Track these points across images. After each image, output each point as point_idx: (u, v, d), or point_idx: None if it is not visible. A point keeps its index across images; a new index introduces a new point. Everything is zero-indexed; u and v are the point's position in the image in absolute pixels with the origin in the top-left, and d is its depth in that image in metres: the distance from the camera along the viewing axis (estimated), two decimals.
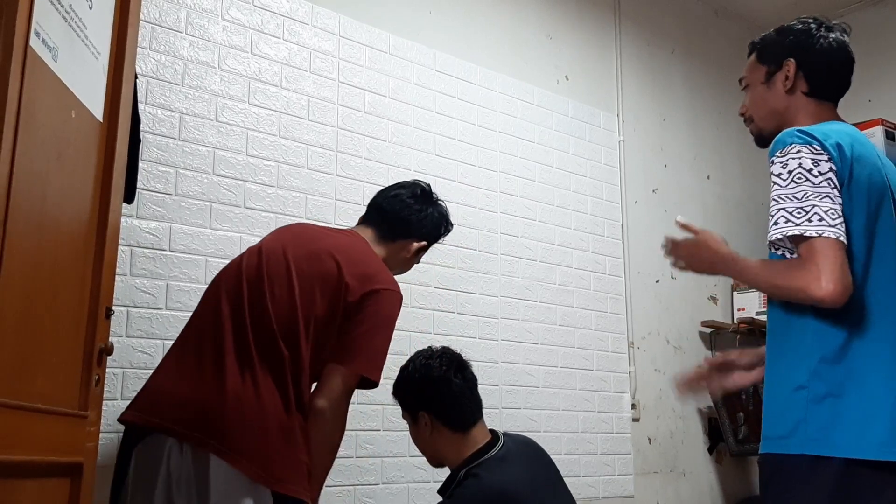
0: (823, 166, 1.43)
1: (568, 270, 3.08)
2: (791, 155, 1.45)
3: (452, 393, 1.95)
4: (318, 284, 1.70)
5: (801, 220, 1.39)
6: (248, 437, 1.55)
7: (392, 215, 1.92)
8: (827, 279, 1.34)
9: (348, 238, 1.85)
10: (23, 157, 1.05)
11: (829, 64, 1.63)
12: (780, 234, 1.41)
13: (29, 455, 1.11)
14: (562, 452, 2.89)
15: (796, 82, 1.64)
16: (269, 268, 1.70)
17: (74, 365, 1.28)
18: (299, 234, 1.83)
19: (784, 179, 1.44)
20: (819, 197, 1.40)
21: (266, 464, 1.55)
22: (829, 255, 1.36)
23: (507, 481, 1.85)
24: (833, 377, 1.40)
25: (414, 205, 1.94)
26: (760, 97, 1.70)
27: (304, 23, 2.54)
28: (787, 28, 1.72)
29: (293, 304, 1.67)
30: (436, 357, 1.98)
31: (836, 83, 1.65)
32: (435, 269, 2.67)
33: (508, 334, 2.85)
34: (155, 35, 2.22)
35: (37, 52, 1.09)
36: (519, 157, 3.03)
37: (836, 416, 1.38)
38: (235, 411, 1.55)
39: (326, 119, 2.53)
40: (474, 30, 3.01)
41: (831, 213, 1.39)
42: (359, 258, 1.78)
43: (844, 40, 1.66)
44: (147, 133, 2.13)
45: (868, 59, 3.98)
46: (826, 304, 1.36)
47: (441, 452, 1.98)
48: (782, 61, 1.66)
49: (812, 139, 1.45)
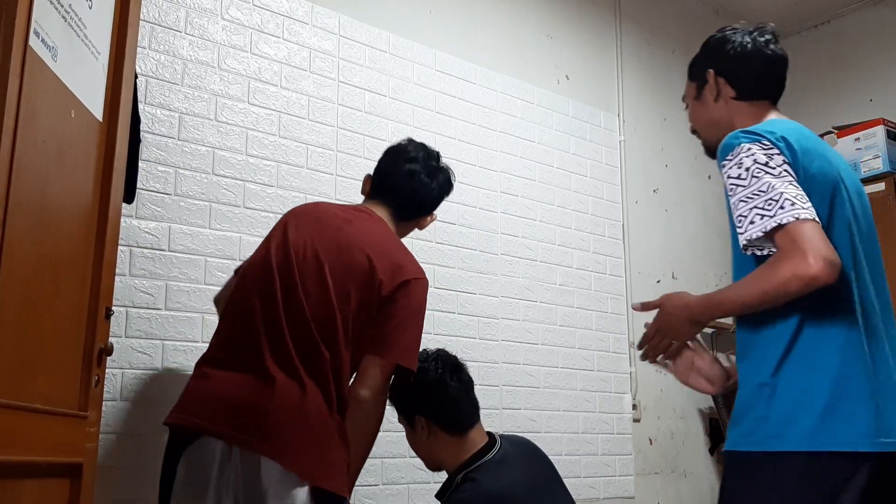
0: (777, 159, 1.43)
1: (568, 270, 3.08)
2: (743, 154, 1.45)
3: (448, 396, 1.93)
4: (351, 281, 1.71)
5: (774, 211, 1.38)
6: (297, 438, 1.58)
7: (411, 196, 1.92)
8: (814, 256, 1.33)
9: (370, 223, 1.84)
10: (22, 157, 1.05)
11: (746, 65, 1.67)
12: (761, 231, 1.39)
13: (29, 455, 1.11)
14: (562, 453, 2.89)
15: (721, 90, 1.69)
16: (301, 267, 1.70)
17: (74, 365, 1.28)
18: (322, 222, 1.79)
19: (744, 178, 1.44)
20: (784, 184, 1.40)
21: (313, 462, 1.59)
22: (808, 234, 1.35)
23: (504, 485, 1.85)
24: (793, 372, 1.40)
25: (431, 183, 1.94)
26: (697, 111, 1.77)
27: (304, 22, 2.53)
28: (707, 41, 1.78)
29: (330, 303, 1.68)
30: (431, 360, 1.97)
31: (762, 82, 1.68)
32: (435, 269, 2.67)
33: (509, 335, 2.85)
34: (154, 35, 2.22)
35: (36, 51, 1.09)
36: (519, 157, 3.02)
37: (796, 412, 1.38)
38: (284, 413, 1.58)
39: (326, 119, 2.53)
40: (474, 30, 3.01)
41: (800, 196, 1.39)
42: (387, 249, 1.79)
43: (763, 39, 1.69)
44: (146, 133, 2.13)
45: (868, 59, 3.98)
46: (820, 280, 1.33)
47: (438, 456, 1.97)
48: (704, 74, 1.72)
49: (759, 136, 1.46)
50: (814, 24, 4.14)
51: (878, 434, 1.36)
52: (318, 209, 1.87)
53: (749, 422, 1.43)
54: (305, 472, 1.57)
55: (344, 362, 1.68)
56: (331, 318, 1.67)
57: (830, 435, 1.35)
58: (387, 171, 1.95)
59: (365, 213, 1.88)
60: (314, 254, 1.72)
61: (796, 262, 1.34)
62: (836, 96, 4.02)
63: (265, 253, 1.74)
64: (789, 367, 1.41)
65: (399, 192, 1.91)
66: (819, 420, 1.36)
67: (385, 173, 1.95)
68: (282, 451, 1.55)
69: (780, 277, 1.36)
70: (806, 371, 1.40)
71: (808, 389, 1.38)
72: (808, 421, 1.36)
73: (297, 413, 1.59)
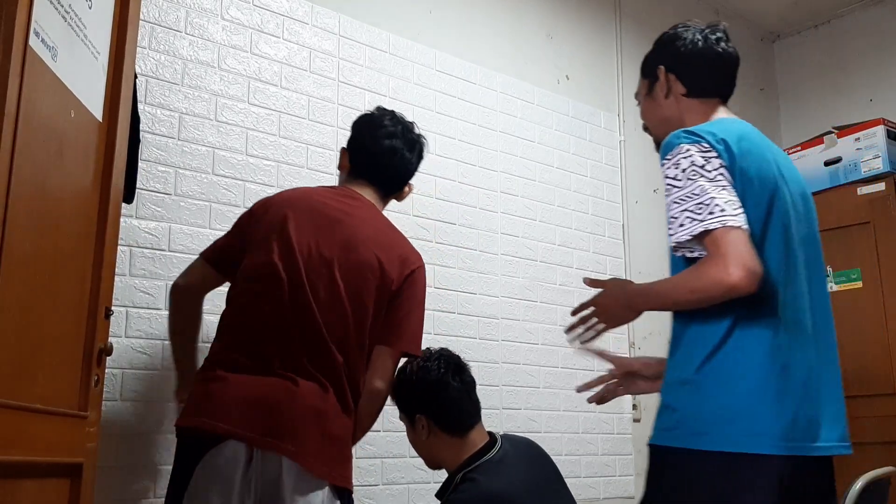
0: (714, 162, 1.44)
1: (568, 270, 3.08)
2: (682, 155, 1.46)
3: (450, 396, 1.93)
4: (362, 284, 1.72)
5: (703, 215, 1.39)
6: (317, 439, 1.61)
7: (393, 173, 1.92)
8: (735, 265, 1.34)
9: (367, 213, 1.83)
10: (22, 157, 1.05)
11: (696, 62, 1.66)
12: (689, 235, 1.41)
13: (29, 455, 1.11)
14: (562, 453, 2.89)
15: (672, 86, 1.69)
16: (310, 272, 1.69)
17: (74, 365, 1.28)
18: (320, 215, 1.77)
19: (679, 180, 1.45)
20: (717, 189, 1.41)
21: (332, 463, 1.63)
22: (732, 242, 1.36)
23: (503, 485, 1.84)
24: (716, 372, 1.41)
25: (412, 158, 1.95)
26: (648, 108, 1.78)
27: (304, 22, 2.53)
28: (659, 37, 1.76)
29: (342, 309, 1.69)
30: (433, 359, 1.97)
31: (712, 80, 1.68)
32: (435, 269, 2.67)
33: (509, 334, 2.85)
34: (154, 34, 2.22)
35: (36, 51, 1.09)
36: (519, 157, 3.02)
37: (718, 410, 1.39)
38: (305, 415, 1.60)
39: (326, 119, 2.52)
40: (474, 30, 3.01)
41: (731, 203, 1.40)
42: (390, 240, 1.82)
43: (714, 37, 1.68)
44: (146, 133, 2.13)
45: (868, 59, 3.98)
46: (740, 290, 1.35)
47: (438, 455, 1.97)
48: (655, 70, 1.72)
49: (698, 137, 1.47)
50: (814, 24, 4.13)
51: (793, 438, 1.38)
52: (310, 200, 1.82)
53: (671, 417, 1.44)
54: (325, 472, 1.60)
55: (358, 362, 1.71)
56: (344, 325, 1.69)
57: (746, 437, 1.36)
58: (367, 148, 1.92)
59: (357, 200, 1.86)
60: (319, 252, 1.71)
61: (718, 269, 1.36)
62: (836, 96, 4.02)
63: (267, 256, 1.70)
64: (712, 366, 1.41)
65: (383, 171, 1.91)
66: (737, 421, 1.37)
67: (366, 150, 1.92)
68: (303, 453, 1.58)
69: (703, 282, 1.38)
70: (728, 372, 1.40)
71: (730, 391, 1.39)
72: (727, 421, 1.37)
73: (317, 415, 1.62)
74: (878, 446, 3.21)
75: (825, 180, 3.59)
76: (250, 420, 1.57)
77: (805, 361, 1.44)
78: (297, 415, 1.59)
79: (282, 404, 1.59)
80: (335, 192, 1.89)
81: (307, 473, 1.58)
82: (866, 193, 3.42)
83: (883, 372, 3.29)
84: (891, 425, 3.21)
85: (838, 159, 3.56)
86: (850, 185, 3.49)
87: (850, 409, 3.56)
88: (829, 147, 3.61)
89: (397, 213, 2.62)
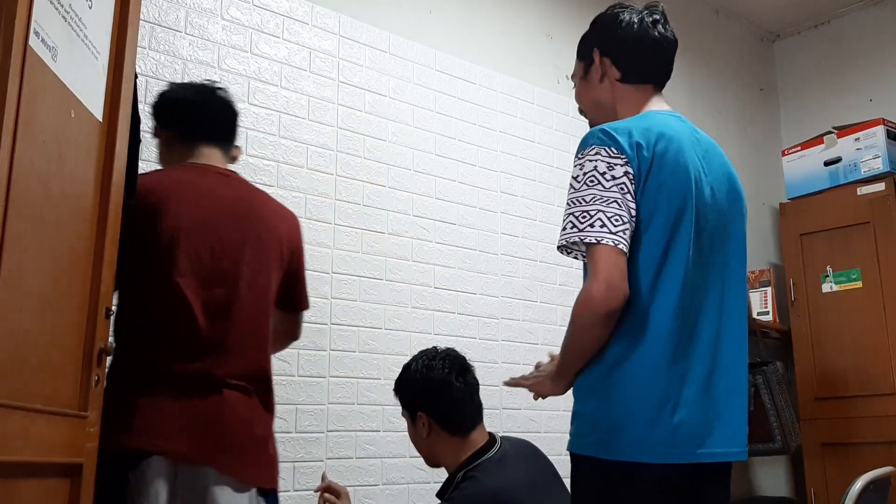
0: (618, 170, 1.41)
1: (568, 270, 3.08)
2: (589, 157, 1.44)
3: (452, 397, 1.93)
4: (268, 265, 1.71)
5: (584, 226, 1.39)
6: (244, 448, 1.59)
7: (230, 124, 1.83)
8: (598, 286, 1.36)
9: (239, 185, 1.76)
10: (22, 157, 1.05)
11: (632, 47, 1.60)
12: (564, 241, 1.42)
13: (29, 455, 1.11)
14: (562, 453, 2.87)
15: (607, 70, 1.63)
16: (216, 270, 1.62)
17: (74, 365, 1.28)
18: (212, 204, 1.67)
19: (578, 182, 1.44)
20: (606, 202, 1.39)
21: (258, 467, 1.62)
22: (602, 260, 1.36)
23: (503, 483, 1.85)
24: (620, 381, 1.40)
25: (231, 105, 1.84)
26: (583, 91, 1.71)
27: (304, 22, 2.53)
28: (595, 20, 1.70)
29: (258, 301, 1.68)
30: (438, 358, 1.97)
31: (647, 65, 1.62)
32: (435, 269, 2.67)
33: (509, 334, 2.85)
34: (154, 35, 2.22)
35: (36, 51, 1.09)
36: (519, 157, 3.02)
37: (622, 420, 1.39)
38: (231, 426, 1.58)
39: (326, 119, 2.53)
40: (474, 30, 3.01)
41: (615, 218, 1.38)
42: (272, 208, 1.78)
43: (651, 20, 1.61)
44: (147, 133, 2.13)
45: (868, 59, 3.98)
46: (601, 310, 1.36)
47: (437, 454, 1.97)
48: (591, 53, 1.65)
49: (611, 140, 1.44)
50: (814, 24, 4.13)
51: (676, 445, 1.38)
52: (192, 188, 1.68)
53: (583, 423, 1.46)
54: (253, 478, 1.60)
55: (269, 352, 1.71)
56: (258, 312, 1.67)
57: (633, 446, 1.37)
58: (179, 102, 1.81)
59: (227, 176, 1.75)
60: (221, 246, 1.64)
61: (587, 291, 1.38)
62: (836, 96, 4.02)
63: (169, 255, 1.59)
64: (618, 375, 1.41)
65: (221, 123, 1.80)
66: (629, 430, 1.38)
67: (177, 104, 1.81)
68: (232, 464, 1.56)
69: (581, 308, 1.39)
70: (630, 381, 1.40)
71: (628, 400, 1.39)
72: (622, 430, 1.38)
73: (243, 423, 1.60)
74: (878, 446, 3.22)
75: (825, 180, 3.60)
76: (176, 435, 1.52)
77: (703, 370, 1.43)
78: (224, 426, 1.57)
79: (209, 417, 1.56)
80: (203, 172, 1.73)
81: (235, 482, 1.56)
82: (866, 193, 3.42)
83: (883, 372, 3.29)
84: (891, 425, 3.21)
85: (838, 159, 3.56)
86: (849, 185, 3.49)
87: (851, 409, 3.57)
88: (828, 147, 3.61)
89: (397, 212, 2.62)
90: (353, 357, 2.44)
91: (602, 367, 1.43)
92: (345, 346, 2.42)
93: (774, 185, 3.99)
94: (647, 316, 1.40)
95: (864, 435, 3.27)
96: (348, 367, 2.42)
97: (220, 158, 1.78)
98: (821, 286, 3.52)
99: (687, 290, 1.43)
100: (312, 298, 2.36)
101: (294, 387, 2.30)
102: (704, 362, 1.44)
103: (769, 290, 3.73)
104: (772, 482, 3.73)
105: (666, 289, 1.42)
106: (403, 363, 2.01)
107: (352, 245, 2.50)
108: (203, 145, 1.76)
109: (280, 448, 2.22)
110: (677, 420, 1.38)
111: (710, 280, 1.48)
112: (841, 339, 3.44)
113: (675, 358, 1.40)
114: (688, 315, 1.43)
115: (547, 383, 1.63)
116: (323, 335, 2.38)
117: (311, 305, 1.93)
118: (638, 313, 1.41)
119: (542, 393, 1.68)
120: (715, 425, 1.42)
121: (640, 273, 1.41)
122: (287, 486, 2.22)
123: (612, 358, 1.42)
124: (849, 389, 3.37)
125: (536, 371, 1.69)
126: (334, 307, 2.42)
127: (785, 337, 3.67)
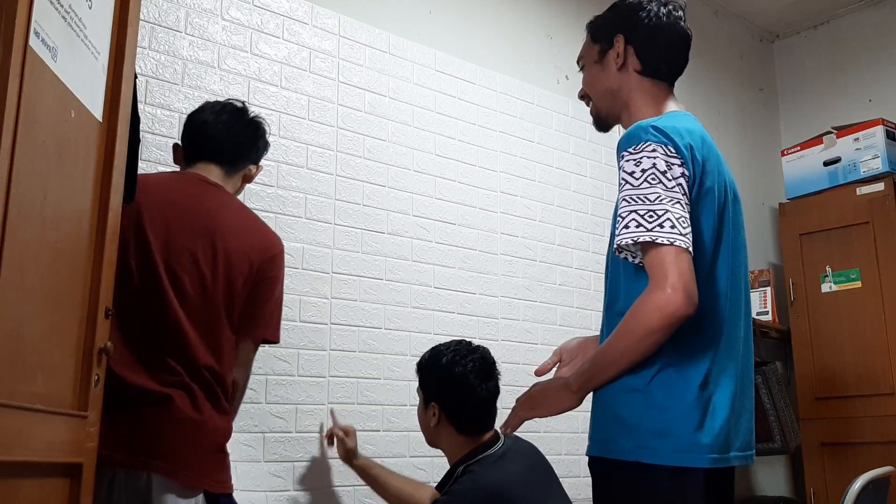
0: (676, 170, 1.36)
1: (568, 270, 3.08)
2: (646, 153, 1.36)
3: (470, 400, 1.92)
4: (231, 273, 1.68)
5: (652, 225, 1.31)
6: (189, 451, 1.57)
7: (232, 147, 1.86)
8: (675, 292, 1.29)
9: (220, 195, 1.78)
10: (22, 157, 1.05)
11: (659, 39, 1.55)
12: (631, 240, 1.34)
13: (29, 455, 1.11)
14: (562, 453, 2.89)
15: (627, 59, 1.56)
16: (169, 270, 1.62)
17: (74, 365, 1.28)
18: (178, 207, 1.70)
19: (637, 178, 1.36)
20: (672, 202, 1.33)
21: (204, 471, 1.59)
22: (676, 264, 1.30)
23: (502, 479, 1.85)
24: (666, 386, 1.37)
25: (241, 127, 1.89)
26: (595, 77, 1.63)
27: (304, 22, 2.53)
28: (618, 4, 1.62)
29: (213, 304, 1.65)
30: (469, 356, 1.95)
31: (669, 61, 1.57)
32: (435, 269, 2.67)
33: (508, 334, 2.85)
34: (154, 35, 2.22)
35: (36, 51, 1.09)
36: (519, 157, 3.03)
37: (668, 424, 1.35)
38: (175, 429, 1.56)
39: (326, 119, 2.53)
40: (474, 30, 3.01)
41: (682, 220, 1.32)
42: (248, 225, 1.78)
43: (678, 15, 1.57)
44: (147, 133, 2.13)
45: (868, 59, 3.98)
46: (677, 316, 1.30)
47: (440, 443, 1.98)
48: (612, 38, 1.58)
49: (667, 139, 1.38)
50: (814, 24, 4.14)
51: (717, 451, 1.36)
52: (162, 190, 1.74)
53: (616, 427, 1.39)
54: (199, 482, 1.57)
55: (231, 356, 1.68)
56: (213, 314, 1.65)
57: (683, 452, 1.34)
58: (192, 124, 1.89)
59: (210, 184, 1.80)
60: (179, 246, 1.64)
61: (660, 296, 1.29)
62: (836, 96, 4.03)
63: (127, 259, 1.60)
64: (663, 381, 1.37)
65: (219, 143, 1.84)
66: (677, 436, 1.34)
67: (192, 126, 1.88)
68: (175, 469, 1.54)
69: (648, 315, 1.31)
70: (674, 387, 1.37)
71: (673, 405, 1.36)
72: (670, 436, 1.35)
73: (190, 425, 1.57)
74: (878, 446, 3.22)
75: (824, 180, 3.60)
76: (115, 439, 1.47)
77: (735, 378, 1.42)
78: (167, 429, 1.55)
79: (155, 422, 1.54)
80: (184, 177, 1.83)
81: (178, 486, 1.54)
82: (866, 193, 3.42)
83: (882, 372, 3.29)
84: (890, 425, 3.21)
85: (837, 159, 3.56)
86: (849, 185, 3.49)
87: (850, 408, 3.57)
88: (828, 147, 3.61)
89: (397, 212, 2.62)
90: (353, 357, 2.44)
91: (646, 371, 1.37)
92: (345, 346, 2.43)
93: (774, 185, 3.99)
94: (697, 321, 1.36)
95: (864, 435, 3.27)
96: (348, 367, 2.42)
97: (217, 175, 1.83)
98: (820, 286, 3.52)
99: (726, 296, 1.43)
100: (313, 298, 2.37)
101: (294, 387, 2.30)
102: (737, 366, 1.44)
103: (769, 290, 3.73)
104: (771, 482, 3.73)
105: (712, 294, 1.41)
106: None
107: (352, 245, 2.50)
108: (200, 163, 1.84)
109: (280, 448, 2.23)
110: (719, 424, 1.37)
111: (738, 286, 1.48)
112: (840, 338, 3.44)
113: (717, 362, 1.40)
114: (726, 321, 1.43)
115: (564, 399, 1.49)
116: (323, 335, 2.39)
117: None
118: (691, 320, 1.36)
119: (561, 412, 1.52)
120: (739, 430, 1.42)
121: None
122: (287, 486, 2.23)
123: (658, 362, 1.37)
124: (848, 389, 3.37)
125: (544, 384, 1.58)
126: (334, 307, 2.42)
127: (784, 337, 3.67)
